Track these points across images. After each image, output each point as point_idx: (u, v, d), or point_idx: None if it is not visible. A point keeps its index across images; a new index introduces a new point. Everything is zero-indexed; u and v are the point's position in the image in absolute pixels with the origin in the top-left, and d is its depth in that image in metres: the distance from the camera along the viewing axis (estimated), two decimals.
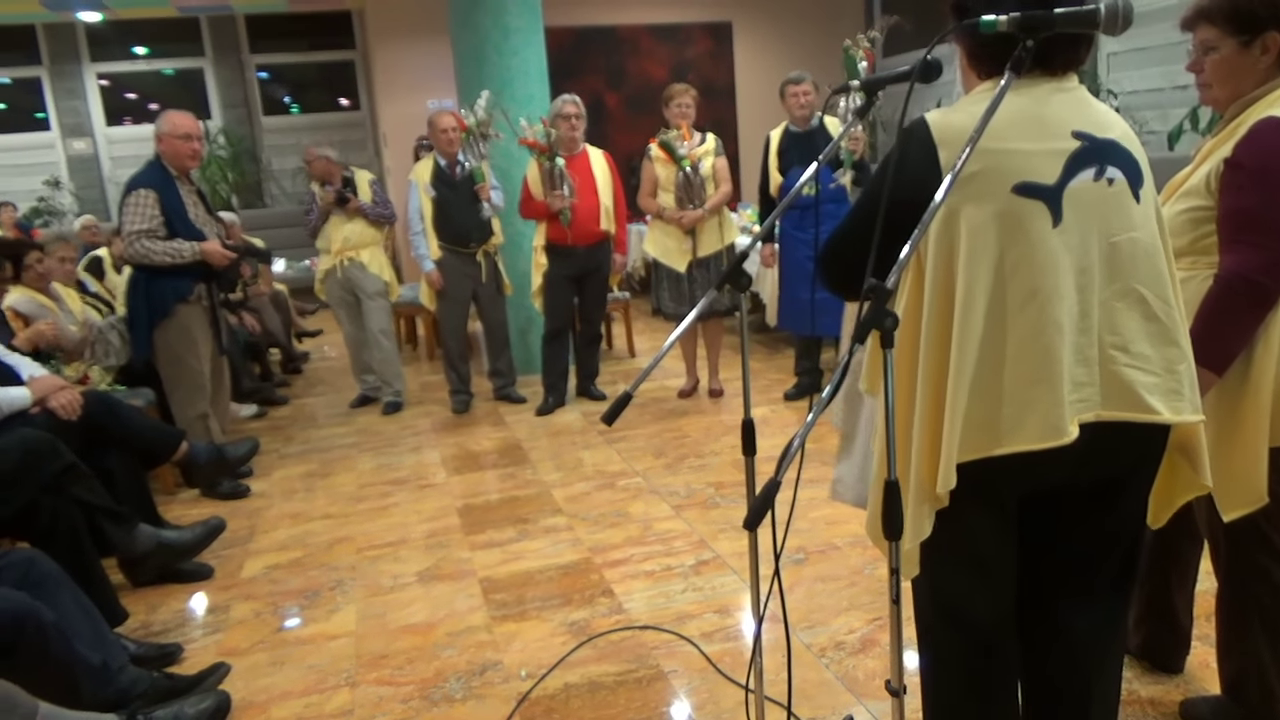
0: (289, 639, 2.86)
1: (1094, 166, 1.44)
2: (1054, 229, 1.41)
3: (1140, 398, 1.45)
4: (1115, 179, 1.45)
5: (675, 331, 1.81)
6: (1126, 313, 1.45)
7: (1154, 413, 1.45)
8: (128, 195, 3.88)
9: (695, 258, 4.95)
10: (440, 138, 5.01)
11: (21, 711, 1.88)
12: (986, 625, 1.59)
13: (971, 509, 1.51)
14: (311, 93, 10.98)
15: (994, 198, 1.40)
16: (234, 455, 4.05)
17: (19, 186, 9.72)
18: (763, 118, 8.76)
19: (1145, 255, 1.46)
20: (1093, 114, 1.48)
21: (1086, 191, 1.43)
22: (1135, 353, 1.45)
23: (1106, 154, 1.45)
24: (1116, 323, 1.45)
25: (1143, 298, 1.46)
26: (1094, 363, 1.44)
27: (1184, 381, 1.48)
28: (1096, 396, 1.45)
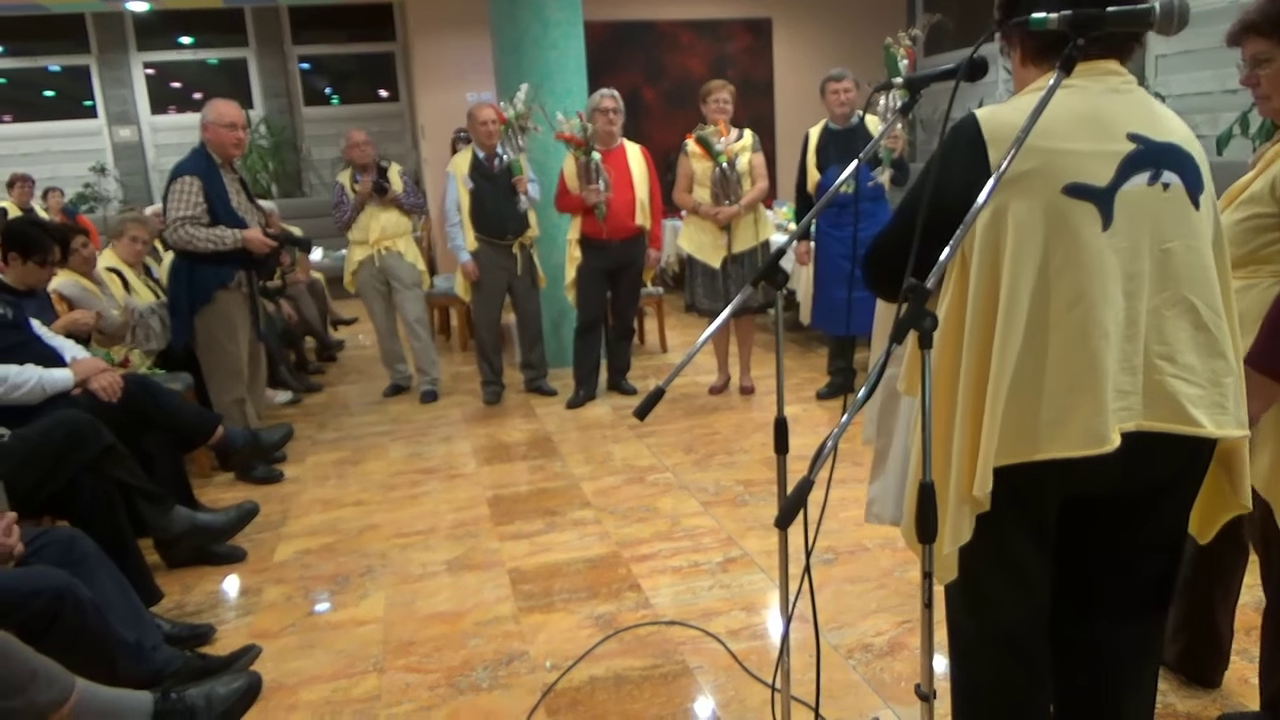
0: (319, 623, 2.89)
1: (1149, 170, 1.40)
2: (1103, 232, 1.38)
3: (1184, 409, 1.41)
4: (1171, 184, 1.41)
5: (710, 328, 1.80)
6: (1175, 322, 1.42)
7: (1196, 425, 1.42)
8: (173, 182, 3.93)
9: (730, 254, 4.93)
10: (479, 130, 5.02)
11: (59, 686, 1.91)
12: (1021, 635, 1.57)
13: (1011, 516, 1.48)
14: (351, 84, 11.08)
15: (1042, 197, 1.37)
16: (269, 440, 4.10)
17: (67, 172, 9.90)
18: (801, 115, 8.69)
19: (1198, 264, 1.42)
20: (1151, 116, 1.44)
21: (1140, 195, 1.39)
22: (1182, 363, 1.42)
23: (1163, 158, 1.41)
24: (1165, 332, 1.42)
25: (1193, 307, 1.42)
26: (1139, 371, 1.41)
27: (1229, 395, 1.45)
28: (1139, 405, 1.41)
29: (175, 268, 4.08)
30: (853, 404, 1.33)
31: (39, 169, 9.84)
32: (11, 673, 1.83)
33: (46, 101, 10.33)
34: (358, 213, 5.26)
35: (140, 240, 4.78)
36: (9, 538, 2.19)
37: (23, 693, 1.84)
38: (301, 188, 10.57)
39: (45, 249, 3.58)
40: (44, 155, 10.09)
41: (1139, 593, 1.60)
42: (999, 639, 1.58)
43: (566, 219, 5.15)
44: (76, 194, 9.72)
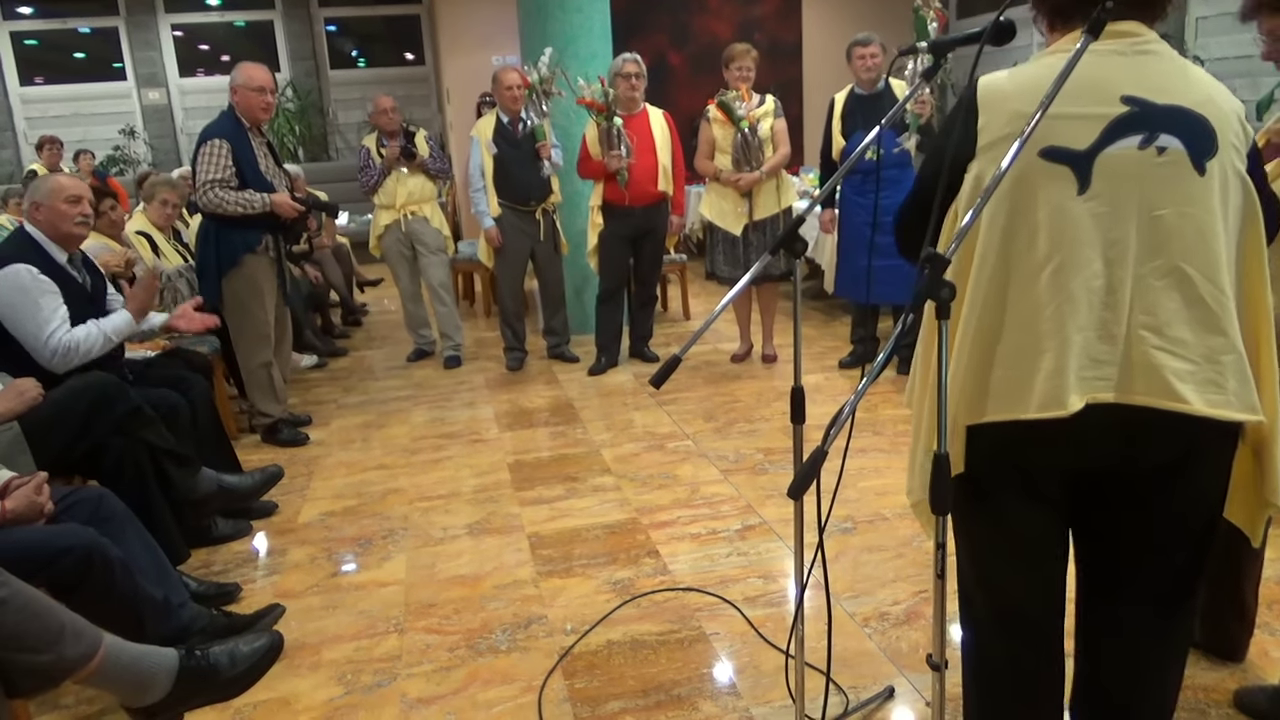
0: (342, 584, 2.94)
1: (1140, 134, 1.34)
2: (1079, 196, 1.34)
3: (1167, 384, 1.35)
4: (1169, 148, 1.34)
5: (728, 295, 1.79)
6: (1166, 293, 1.35)
7: (1180, 401, 1.35)
8: (201, 145, 3.94)
9: (751, 221, 4.90)
10: (504, 94, 4.99)
11: (87, 641, 1.96)
12: (1026, 610, 1.57)
13: (1006, 492, 1.48)
14: (377, 46, 11.04)
15: (1018, 161, 1.30)
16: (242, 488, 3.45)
17: (97, 135, 9.98)
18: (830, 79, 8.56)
19: (1195, 233, 1.35)
20: (1159, 79, 1.37)
21: (1125, 158, 1.34)
22: (1170, 336, 1.35)
23: (1162, 121, 1.35)
24: (1152, 302, 1.36)
25: (1187, 278, 1.35)
26: (1119, 340, 1.36)
27: (1228, 373, 1.37)
28: (1116, 376, 1.37)
29: (203, 231, 4.10)
30: (869, 372, 1.32)
31: (70, 131, 9.93)
32: (41, 627, 1.88)
33: (77, 63, 10.39)
34: (384, 177, 5.26)
35: (171, 204, 4.82)
36: (40, 496, 2.23)
37: (52, 647, 1.89)
38: (328, 151, 10.59)
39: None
40: (74, 118, 10.17)
41: (1158, 582, 1.54)
42: (1003, 612, 1.58)
43: (589, 185, 5.12)
44: (106, 156, 9.80)
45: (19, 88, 10.12)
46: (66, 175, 3.29)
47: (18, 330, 2.93)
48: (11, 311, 2.92)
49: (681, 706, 2.22)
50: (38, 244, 3.05)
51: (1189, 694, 2.14)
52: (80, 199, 3.08)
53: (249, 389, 4.24)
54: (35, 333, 2.93)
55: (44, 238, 3.06)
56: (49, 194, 3.03)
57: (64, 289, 3.01)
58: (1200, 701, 2.12)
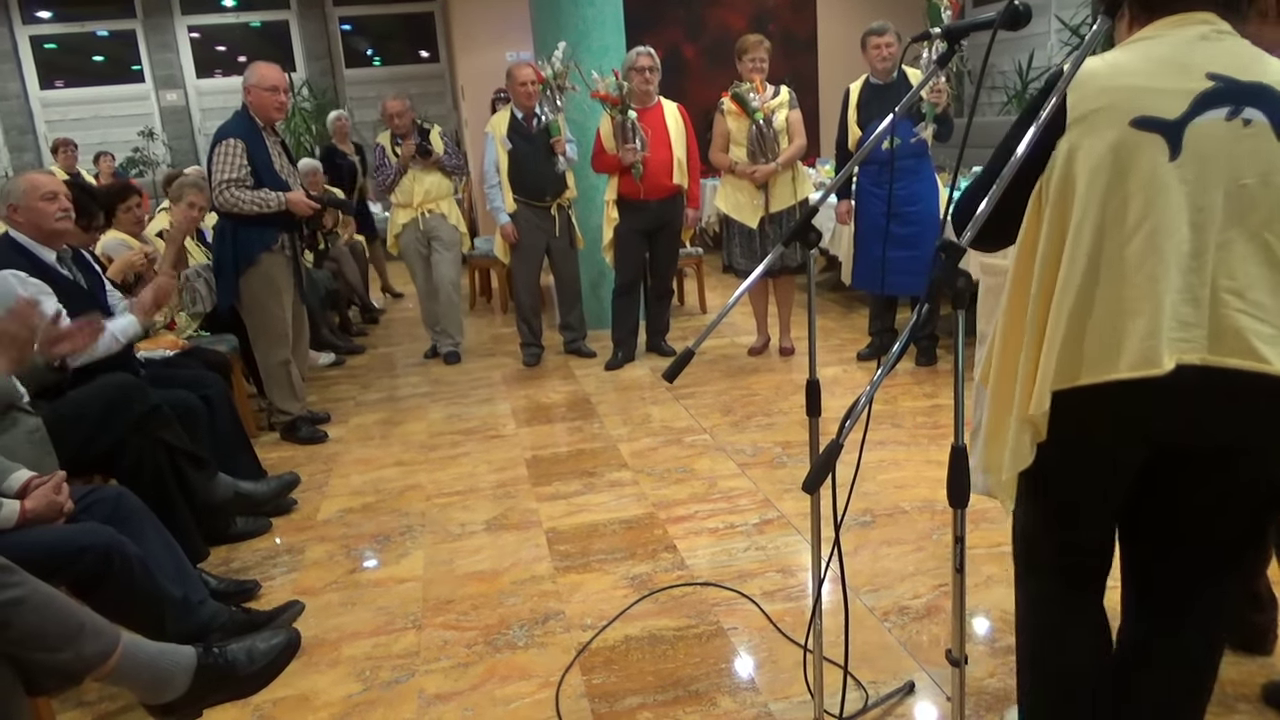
0: (360, 581, 2.94)
1: (1227, 106, 1.39)
2: (1170, 163, 1.38)
3: (1251, 345, 1.38)
4: (1254, 120, 1.39)
5: (740, 288, 1.78)
6: (1249, 258, 1.39)
7: (1264, 361, 1.38)
8: (216, 145, 3.95)
9: (768, 213, 4.87)
10: (519, 90, 4.98)
11: (105, 640, 1.97)
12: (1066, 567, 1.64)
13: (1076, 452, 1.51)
14: (392, 45, 11.07)
15: (1112, 131, 1.39)
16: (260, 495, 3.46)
17: (116, 137, 10.07)
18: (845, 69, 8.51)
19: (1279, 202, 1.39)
20: (1242, 60, 1.42)
21: (1214, 129, 1.38)
22: (1251, 299, 1.39)
23: (1247, 96, 1.39)
24: (1234, 267, 1.39)
25: (1268, 245, 1.39)
26: (1204, 304, 1.39)
27: None
28: (1204, 339, 1.39)
29: (220, 230, 4.12)
30: (885, 364, 1.30)
31: (89, 134, 10.03)
32: (60, 626, 1.89)
33: (95, 66, 10.48)
34: (400, 176, 5.27)
35: (198, 207, 4.81)
36: (59, 495, 2.25)
37: (71, 645, 1.90)
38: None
39: (90, 214, 3.62)
40: (94, 120, 10.26)
41: (1215, 551, 1.59)
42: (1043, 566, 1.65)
43: (604, 179, 5.11)
44: (126, 158, 9.88)
45: (39, 91, 10.22)
46: (40, 172, 3.24)
47: None
48: None
49: (699, 702, 2.21)
50: (22, 247, 2.99)
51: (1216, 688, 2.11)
52: (56, 194, 3.01)
53: (268, 387, 4.26)
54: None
55: (28, 240, 3.00)
56: (24, 194, 2.96)
57: (56, 288, 2.97)
58: (1228, 695, 2.09)
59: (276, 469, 3.74)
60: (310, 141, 10.15)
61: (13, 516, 2.15)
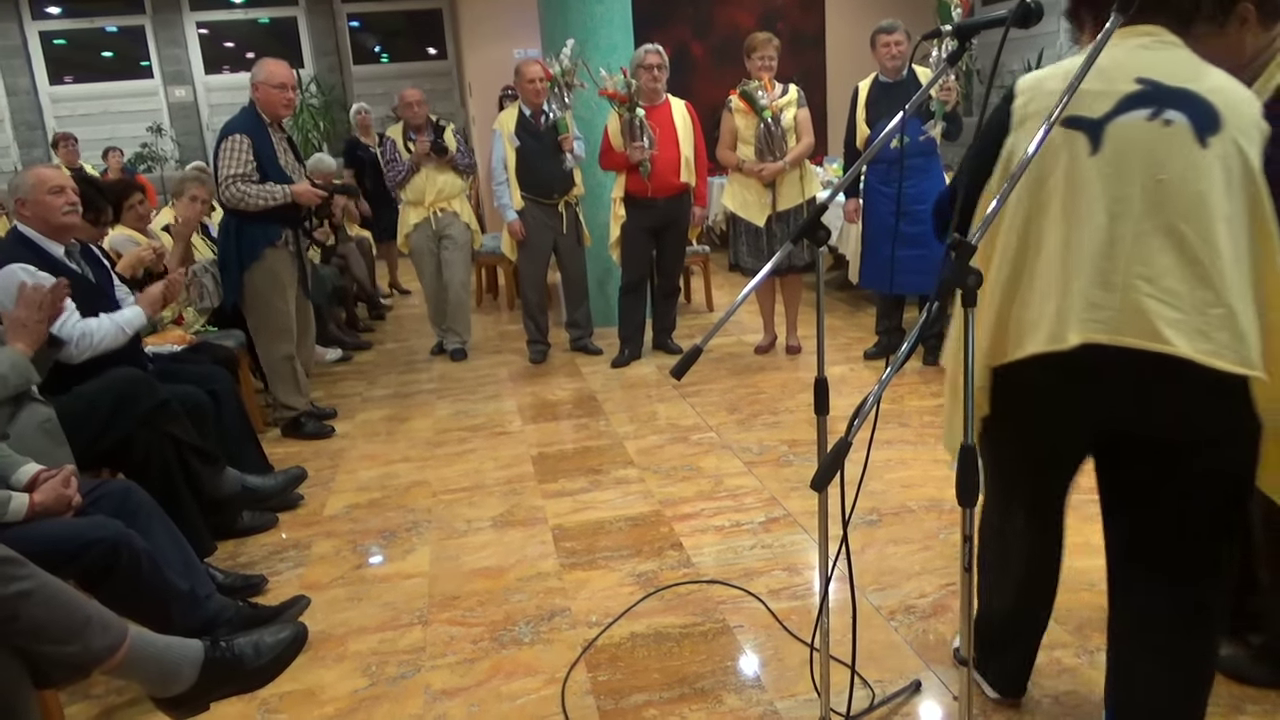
0: (366, 576, 2.95)
1: (1150, 108, 1.51)
2: (1091, 157, 1.52)
3: (1155, 328, 1.48)
4: (1174, 121, 1.50)
5: (748, 286, 1.78)
6: (1163, 248, 1.49)
7: (1167, 344, 1.47)
8: (222, 141, 3.96)
9: (775, 212, 4.86)
10: (527, 88, 4.98)
11: (113, 633, 1.98)
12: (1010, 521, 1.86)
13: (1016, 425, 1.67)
14: (400, 42, 11.07)
15: (1043, 130, 1.45)
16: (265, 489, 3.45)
17: (125, 133, 10.09)
18: (853, 68, 8.49)
19: (1195, 197, 1.49)
20: (1173, 66, 1.54)
21: (1134, 127, 1.51)
22: (1163, 286, 1.48)
23: (1170, 99, 1.51)
24: (1149, 255, 1.50)
25: (1183, 237, 1.49)
26: (1116, 288, 1.50)
27: (1215, 326, 1.47)
28: (1114, 321, 1.50)
29: (224, 225, 4.12)
30: (893, 363, 1.30)
31: (98, 129, 10.05)
32: (67, 619, 1.90)
33: (104, 62, 10.51)
34: (412, 174, 5.24)
35: (200, 200, 4.82)
36: (68, 489, 2.25)
37: (78, 638, 1.91)
38: None
39: (97, 208, 3.63)
40: (103, 115, 10.29)
41: (1172, 552, 1.65)
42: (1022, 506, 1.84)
43: (611, 177, 5.11)
44: (134, 154, 9.90)
45: (48, 86, 10.24)
46: (46, 166, 3.25)
47: None
48: None
49: (705, 699, 2.21)
50: (31, 241, 3.00)
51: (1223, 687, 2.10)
52: (63, 188, 3.01)
53: (271, 382, 4.26)
54: None
55: (36, 234, 3.01)
56: (32, 188, 2.96)
57: None
58: (1235, 696, 2.08)
59: (283, 464, 3.75)
60: (318, 139, 10.17)
61: (22, 509, 2.16)
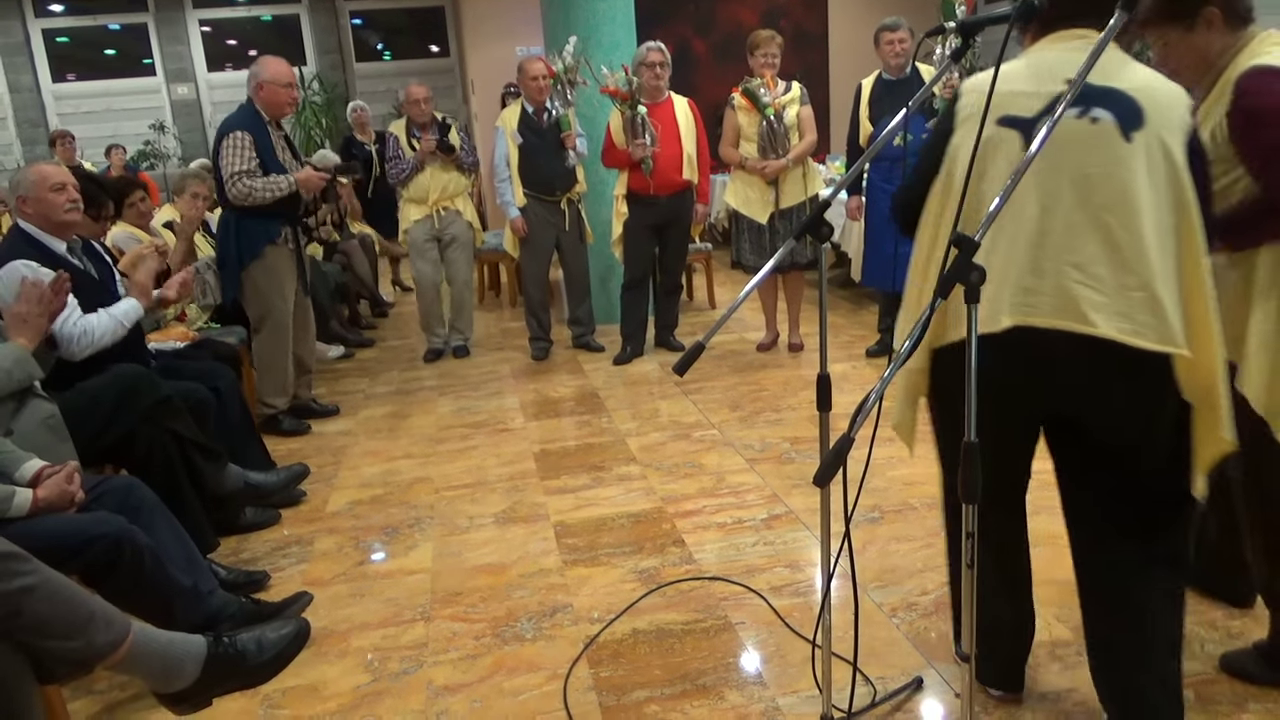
0: (369, 572, 2.95)
1: (1078, 107, 1.62)
2: (1024, 152, 1.59)
3: (1081, 311, 1.60)
4: (1101, 118, 1.61)
5: (751, 282, 1.78)
6: (1089, 237, 1.61)
7: (1091, 325, 1.59)
8: (223, 138, 3.96)
9: (777, 209, 4.85)
10: (530, 85, 4.97)
11: (116, 629, 1.98)
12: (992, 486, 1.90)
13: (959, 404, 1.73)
14: (402, 39, 11.07)
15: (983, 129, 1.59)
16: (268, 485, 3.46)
17: (127, 130, 10.09)
18: (855, 66, 8.48)
19: (1120, 190, 1.60)
20: (1101, 66, 1.57)
21: (1063, 126, 1.60)
22: (1090, 273, 1.60)
23: (1096, 98, 1.62)
24: (1077, 244, 1.61)
25: (1108, 226, 1.60)
26: (1047, 275, 1.62)
27: (1138, 308, 1.59)
28: (1045, 305, 1.62)
29: (224, 223, 4.11)
30: (895, 360, 1.30)
31: (101, 127, 10.06)
32: (71, 614, 1.90)
33: (107, 60, 10.51)
34: (416, 172, 5.17)
35: (201, 196, 4.82)
36: (71, 485, 2.26)
37: (81, 634, 1.91)
38: None
39: (99, 203, 3.63)
40: (105, 113, 10.29)
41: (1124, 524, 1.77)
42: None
43: (614, 174, 5.11)
44: (137, 151, 9.91)
45: (51, 84, 10.25)
46: (47, 164, 3.25)
47: None
48: None
49: (707, 696, 2.21)
50: (33, 238, 2.99)
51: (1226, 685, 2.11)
52: (64, 185, 3.01)
53: (259, 378, 4.22)
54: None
55: (38, 231, 3.01)
56: (33, 185, 2.97)
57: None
58: (1238, 694, 2.08)
59: (285, 461, 3.76)
60: (320, 135, 10.17)
61: (25, 505, 2.16)
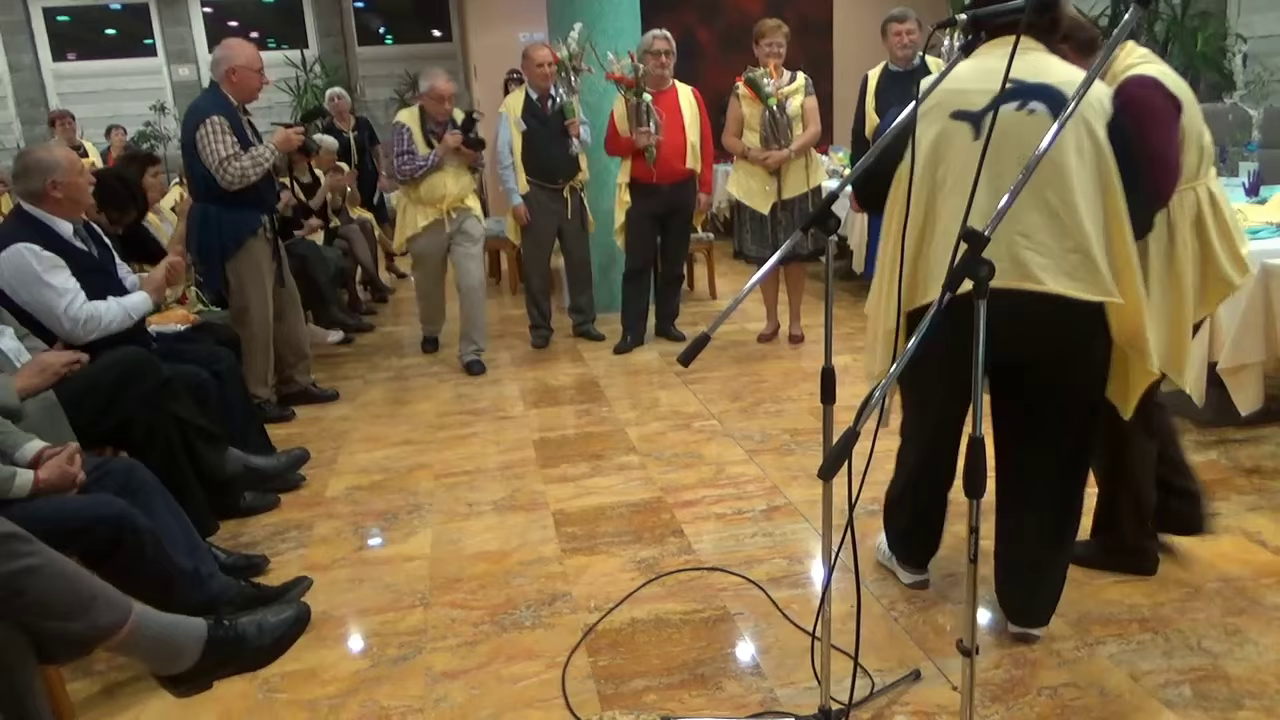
0: (368, 558, 2.96)
1: (1017, 100, 1.95)
2: (974, 142, 1.96)
3: (1031, 272, 1.93)
4: (1037, 110, 1.95)
5: (757, 274, 1.78)
6: (1033, 210, 1.94)
7: (1039, 283, 1.92)
8: (200, 126, 3.84)
9: (780, 200, 4.85)
10: (535, 72, 4.94)
11: (118, 610, 1.98)
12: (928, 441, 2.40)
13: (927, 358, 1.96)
14: (405, 23, 11.03)
15: (939, 122, 2.03)
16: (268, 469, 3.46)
17: (128, 111, 10.06)
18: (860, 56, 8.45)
19: (1055, 169, 1.92)
20: (1035, 67, 1.97)
21: (1006, 118, 1.92)
22: (1036, 240, 1.94)
23: (1032, 92, 1.95)
24: (1023, 217, 1.94)
25: (1048, 200, 1.93)
26: (999, 243, 1.91)
27: (1076, 267, 1.93)
28: (1000, 269, 1.75)
29: (202, 215, 3.99)
30: (901, 355, 1.30)
31: (101, 107, 10.03)
32: (73, 596, 1.90)
33: (108, 40, 10.47)
34: (435, 170, 4.66)
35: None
36: (72, 466, 2.26)
37: (83, 615, 1.91)
38: None
39: (123, 209, 3.62)
40: (106, 93, 10.26)
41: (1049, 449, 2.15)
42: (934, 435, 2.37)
43: (617, 162, 5.09)
44: (137, 132, 9.88)
45: (52, 64, 10.21)
46: (60, 147, 3.26)
47: (33, 308, 2.93)
48: (24, 292, 2.91)
49: (705, 686, 2.21)
50: (38, 221, 2.99)
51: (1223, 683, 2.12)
52: (84, 169, 3.07)
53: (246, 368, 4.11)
54: (50, 308, 2.93)
55: (46, 214, 3.00)
56: (67, 170, 2.97)
57: (71, 262, 2.99)
58: (1235, 692, 2.09)
59: (284, 445, 3.75)
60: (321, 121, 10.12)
61: (27, 485, 2.16)
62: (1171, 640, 2.28)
